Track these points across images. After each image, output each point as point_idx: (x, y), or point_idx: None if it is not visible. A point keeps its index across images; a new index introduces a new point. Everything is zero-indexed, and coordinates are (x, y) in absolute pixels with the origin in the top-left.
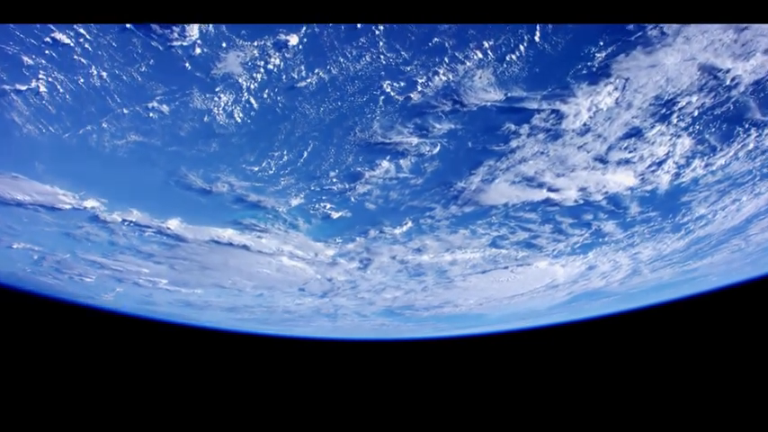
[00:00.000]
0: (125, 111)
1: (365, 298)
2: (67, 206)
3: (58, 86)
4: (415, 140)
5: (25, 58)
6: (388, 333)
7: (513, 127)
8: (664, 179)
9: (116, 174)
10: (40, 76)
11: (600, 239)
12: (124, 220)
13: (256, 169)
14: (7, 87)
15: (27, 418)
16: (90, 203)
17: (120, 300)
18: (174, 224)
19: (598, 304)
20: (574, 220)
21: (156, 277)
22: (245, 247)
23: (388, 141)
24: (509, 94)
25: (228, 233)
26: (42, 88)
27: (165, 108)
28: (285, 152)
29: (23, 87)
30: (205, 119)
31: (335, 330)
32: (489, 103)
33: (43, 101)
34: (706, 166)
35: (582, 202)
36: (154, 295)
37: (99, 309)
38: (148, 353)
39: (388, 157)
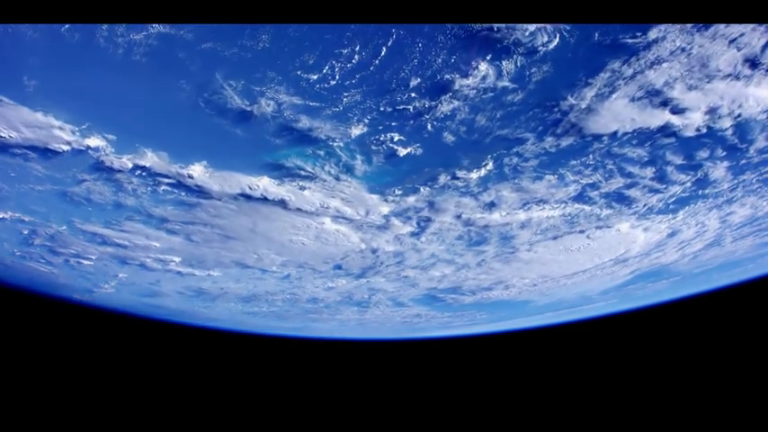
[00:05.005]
0: None
1: (409, 277)
2: (66, 147)
3: None
4: (532, 24)
5: None
6: (418, 328)
7: None
8: None
9: (130, 92)
10: None
11: (700, 191)
12: (136, 167)
13: (315, 78)
14: None
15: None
16: (94, 141)
17: (122, 290)
18: (197, 171)
19: (655, 288)
20: (683, 160)
21: (168, 254)
22: (282, 202)
23: (496, 27)
24: None
25: (264, 182)
26: None
27: None
28: (357, 48)
29: None
30: None
31: (361, 325)
32: None
33: None
34: None
35: (704, 130)
36: (162, 282)
37: (98, 308)
38: (151, 360)
39: (489, 57)
